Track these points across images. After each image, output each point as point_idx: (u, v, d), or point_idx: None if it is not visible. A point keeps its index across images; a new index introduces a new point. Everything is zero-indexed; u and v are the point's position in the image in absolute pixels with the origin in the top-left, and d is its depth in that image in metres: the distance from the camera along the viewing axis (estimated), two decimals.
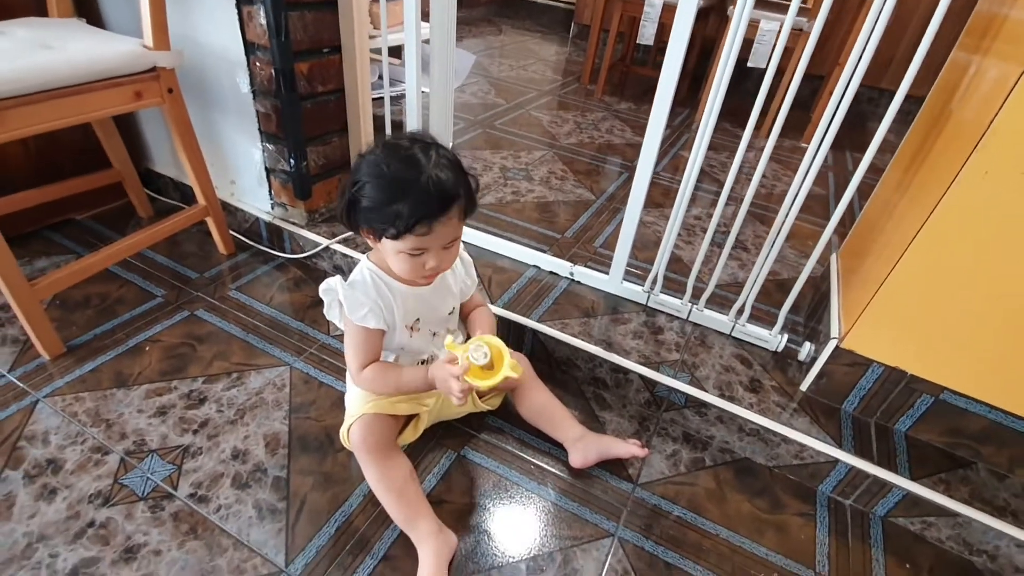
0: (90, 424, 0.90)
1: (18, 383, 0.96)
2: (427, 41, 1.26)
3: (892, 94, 0.82)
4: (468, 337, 0.96)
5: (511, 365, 0.75)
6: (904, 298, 0.90)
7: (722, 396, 1.02)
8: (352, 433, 0.82)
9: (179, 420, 0.93)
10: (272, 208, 1.34)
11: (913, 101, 1.09)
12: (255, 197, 1.35)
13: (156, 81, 1.03)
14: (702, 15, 2.74)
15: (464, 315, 0.96)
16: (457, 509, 0.86)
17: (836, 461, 0.94)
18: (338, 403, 1.00)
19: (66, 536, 0.75)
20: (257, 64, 1.13)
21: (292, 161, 1.21)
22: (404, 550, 0.79)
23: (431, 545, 0.76)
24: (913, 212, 0.91)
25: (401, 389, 0.83)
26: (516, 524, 0.85)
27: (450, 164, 0.72)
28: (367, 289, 0.80)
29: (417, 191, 0.69)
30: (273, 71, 1.10)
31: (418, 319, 0.86)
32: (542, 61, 3.19)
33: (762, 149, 0.97)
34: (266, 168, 1.28)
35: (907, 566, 0.88)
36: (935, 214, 0.83)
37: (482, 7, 4.00)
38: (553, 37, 3.83)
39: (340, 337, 1.15)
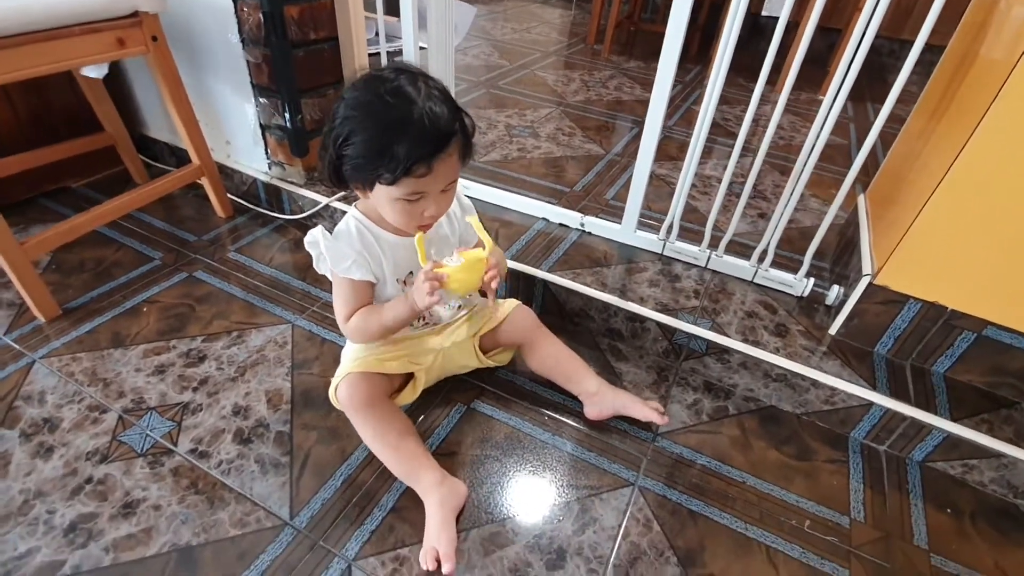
0: (87, 383, 0.87)
1: (14, 345, 0.93)
2: None
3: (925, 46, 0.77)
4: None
5: (485, 248, 0.69)
6: (943, 228, 0.83)
7: (745, 341, 0.96)
8: (339, 392, 0.77)
9: (178, 378, 0.90)
10: (269, 168, 1.30)
11: (935, 51, 1.03)
12: (251, 157, 1.30)
13: (139, 28, 0.98)
14: None
15: None
16: (468, 461, 0.82)
17: (870, 404, 0.89)
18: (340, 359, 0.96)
19: (63, 492, 0.72)
20: (245, 10, 1.07)
21: (287, 114, 1.16)
22: (413, 501, 0.75)
23: (435, 496, 0.72)
24: (950, 138, 0.84)
25: (387, 326, 0.75)
26: (530, 474, 0.81)
27: (443, 96, 0.66)
28: (351, 240, 0.74)
29: (412, 129, 0.62)
30: (261, 15, 1.05)
31: (411, 272, 0.80)
32: (546, 24, 3.09)
33: (776, 103, 0.91)
34: (261, 125, 1.23)
35: (948, 511, 0.83)
36: (978, 132, 0.75)
37: None
38: (556, 2, 3.71)
39: None
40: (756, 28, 3.22)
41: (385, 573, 0.68)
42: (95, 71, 1.07)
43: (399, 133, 0.62)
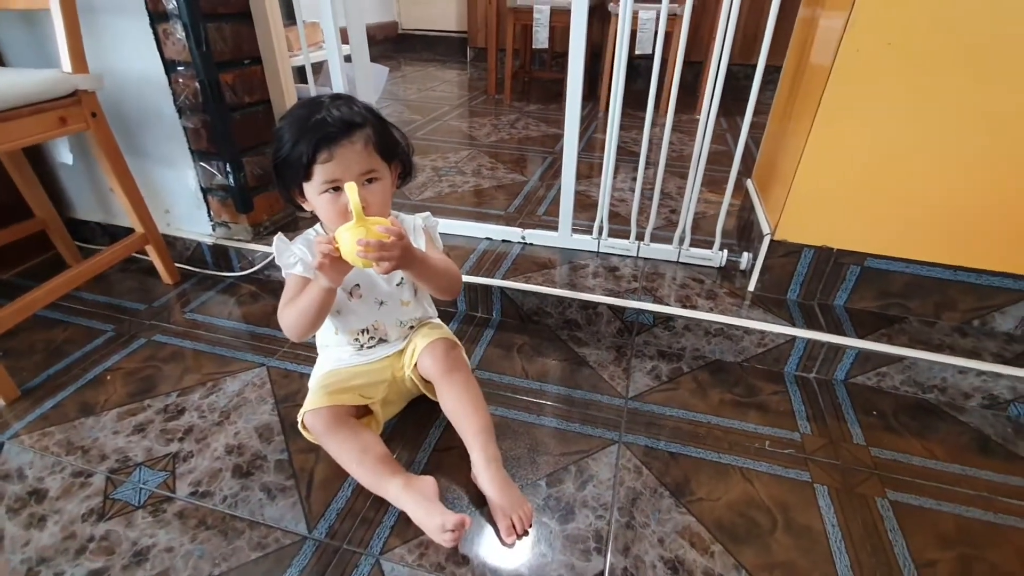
0: (65, 453, 0.85)
1: None
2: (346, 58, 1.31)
3: (768, 68, 1.03)
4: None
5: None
6: (815, 183, 1.03)
7: (684, 308, 1.10)
8: (307, 424, 0.81)
9: (161, 432, 0.89)
10: (214, 229, 1.32)
11: (778, 70, 1.33)
12: (193, 222, 1.32)
13: (79, 106, 1.01)
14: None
15: None
16: (467, 452, 0.87)
17: (794, 338, 1.04)
18: None
19: (67, 555, 0.70)
20: (180, 80, 1.13)
21: (229, 173, 1.21)
22: None
23: (408, 500, 0.73)
24: (801, 122, 1.05)
25: (302, 305, 0.74)
26: (526, 452, 0.88)
27: (360, 105, 0.74)
28: (301, 243, 0.80)
29: (314, 121, 0.70)
30: (198, 83, 1.11)
31: (357, 285, 0.84)
32: (446, 83, 3.32)
33: (663, 125, 1.13)
34: (202, 188, 1.26)
35: (874, 414, 0.99)
36: (824, 100, 0.96)
37: (377, 45, 4.10)
38: (452, 64, 3.99)
39: None
40: (634, 68, 3.64)
41: (413, 558, 0.71)
42: (67, 157, 1.10)
43: (306, 127, 0.70)
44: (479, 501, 0.79)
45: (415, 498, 0.73)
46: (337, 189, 0.72)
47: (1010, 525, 0.80)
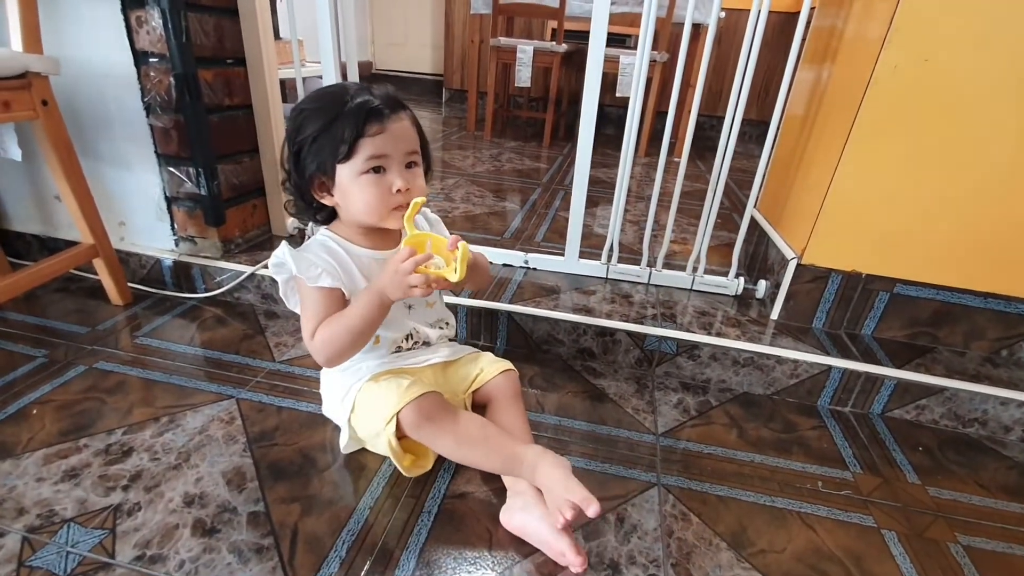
0: None
1: None
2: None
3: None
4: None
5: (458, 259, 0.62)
6: (848, 204, 0.98)
7: (710, 335, 1.01)
8: (405, 422, 0.69)
9: (99, 479, 0.71)
10: (176, 245, 1.16)
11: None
12: (152, 236, 1.16)
13: (27, 90, 0.87)
14: (565, 62, 3.00)
15: None
16: (483, 499, 0.73)
17: (829, 368, 0.96)
18: (307, 423, 0.84)
19: None
20: (151, 74, 1.00)
21: (202, 180, 1.07)
22: (440, 552, 0.64)
23: (547, 459, 0.68)
24: (830, 139, 1.01)
25: (354, 325, 0.66)
26: None
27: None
28: (318, 250, 0.71)
29: (361, 98, 0.65)
30: (173, 79, 0.99)
31: None
32: (423, 118, 3.27)
33: (644, 165, 1.11)
34: (166, 197, 1.11)
35: (919, 450, 0.91)
36: (857, 121, 0.92)
37: None
38: (426, 104, 3.97)
39: (291, 361, 0.99)
40: (606, 117, 3.71)
41: None
42: (15, 152, 0.94)
43: (348, 102, 0.65)
44: (512, 546, 0.65)
45: (555, 460, 0.68)
46: (378, 170, 0.66)
47: None
